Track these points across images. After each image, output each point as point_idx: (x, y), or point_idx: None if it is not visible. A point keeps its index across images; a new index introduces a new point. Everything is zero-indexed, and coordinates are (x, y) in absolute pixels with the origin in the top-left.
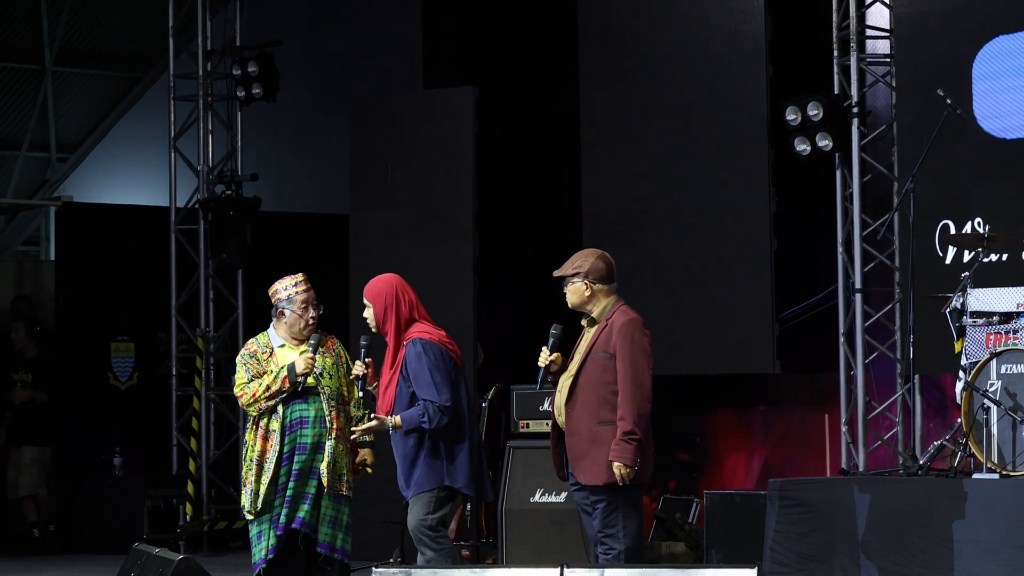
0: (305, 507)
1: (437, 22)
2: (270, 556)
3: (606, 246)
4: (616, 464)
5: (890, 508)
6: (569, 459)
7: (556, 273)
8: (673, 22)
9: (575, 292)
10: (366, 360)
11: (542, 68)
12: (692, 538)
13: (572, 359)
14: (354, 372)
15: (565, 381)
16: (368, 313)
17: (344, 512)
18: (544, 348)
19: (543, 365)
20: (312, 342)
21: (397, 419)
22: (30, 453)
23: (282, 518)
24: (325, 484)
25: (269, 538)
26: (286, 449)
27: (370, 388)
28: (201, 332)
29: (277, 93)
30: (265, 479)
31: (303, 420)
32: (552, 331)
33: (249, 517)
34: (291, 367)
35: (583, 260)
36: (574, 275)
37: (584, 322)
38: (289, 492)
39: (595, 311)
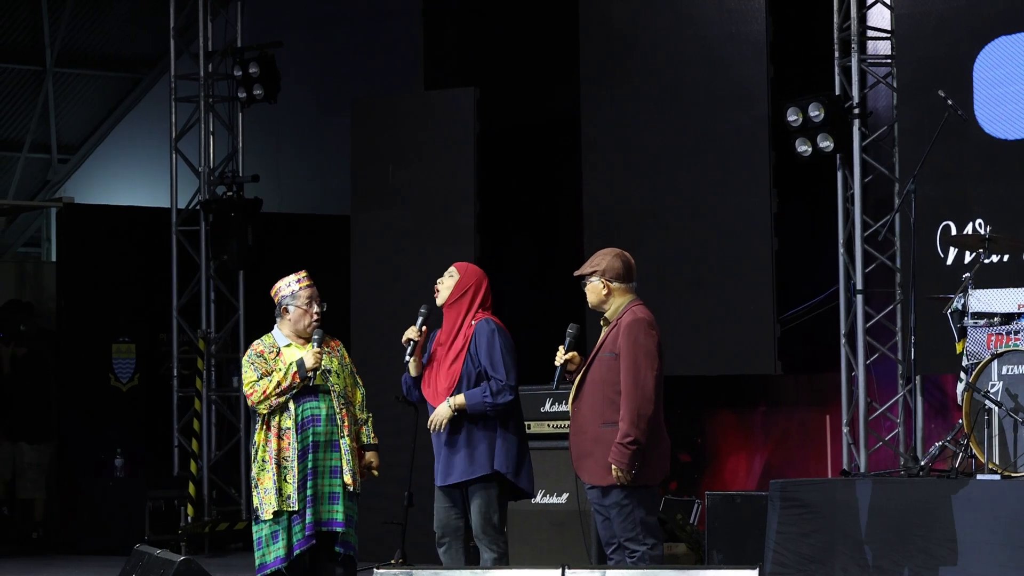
0: (337, 507)
1: (438, 23)
2: (295, 554)
3: (606, 246)
4: (613, 467)
5: (891, 509)
6: (573, 458)
7: (576, 273)
8: (674, 23)
9: (593, 291)
10: (422, 328)
11: (543, 69)
12: (693, 539)
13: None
14: (407, 335)
15: (577, 380)
16: (446, 281)
17: (355, 509)
18: (560, 347)
19: (559, 364)
20: (316, 337)
21: (460, 399)
22: (30, 454)
23: (308, 517)
24: (350, 483)
25: (289, 537)
26: (300, 446)
27: (410, 360)
28: (202, 333)
29: (278, 94)
30: (291, 478)
31: (315, 418)
32: (569, 330)
33: (267, 518)
34: (300, 362)
35: (601, 259)
36: (591, 274)
37: (602, 322)
38: (309, 491)
39: (609, 310)
